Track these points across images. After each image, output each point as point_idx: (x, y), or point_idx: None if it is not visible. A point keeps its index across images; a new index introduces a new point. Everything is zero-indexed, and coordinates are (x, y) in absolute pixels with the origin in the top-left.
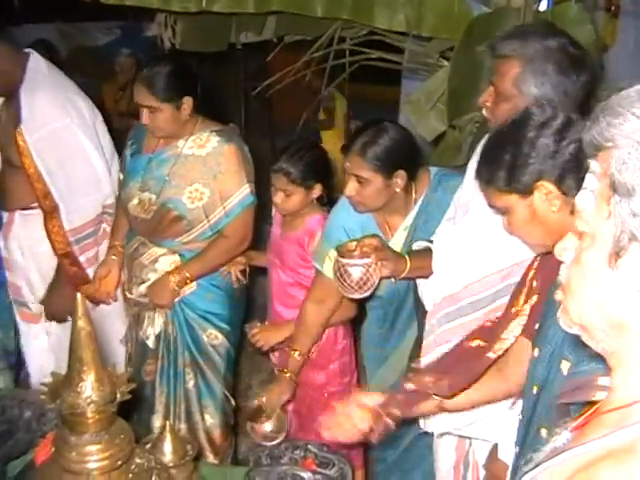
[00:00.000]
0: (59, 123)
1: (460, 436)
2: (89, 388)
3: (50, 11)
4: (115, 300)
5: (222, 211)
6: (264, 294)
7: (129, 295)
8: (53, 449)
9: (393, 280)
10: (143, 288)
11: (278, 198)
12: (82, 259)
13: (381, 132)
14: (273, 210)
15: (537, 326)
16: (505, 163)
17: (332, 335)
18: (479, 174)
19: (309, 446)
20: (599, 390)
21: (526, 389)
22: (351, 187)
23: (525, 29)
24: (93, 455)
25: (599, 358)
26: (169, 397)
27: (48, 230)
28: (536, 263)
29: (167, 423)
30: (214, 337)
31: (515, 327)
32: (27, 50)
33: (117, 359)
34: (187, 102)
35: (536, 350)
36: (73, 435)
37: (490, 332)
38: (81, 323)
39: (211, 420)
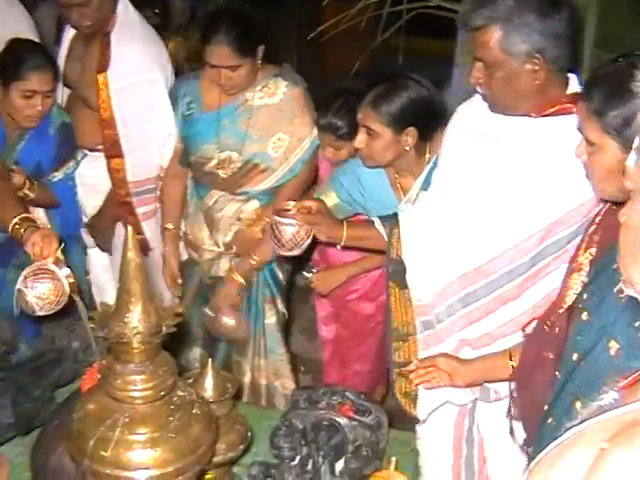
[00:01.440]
0: (146, 76)
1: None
2: (136, 319)
3: None
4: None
5: (300, 153)
6: None
7: (210, 248)
8: (99, 376)
9: (337, 246)
10: (229, 238)
11: (329, 153)
12: (139, 211)
13: (397, 87)
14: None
15: (587, 280)
16: (629, 106)
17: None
18: (590, 94)
19: (347, 393)
20: None
21: (566, 352)
22: (360, 138)
23: None
24: (137, 384)
25: None
26: (250, 333)
27: (111, 176)
28: (599, 218)
29: (209, 360)
30: (284, 272)
31: (575, 284)
32: None
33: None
34: (260, 51)
35: (585, 314)
36: (119, 364)
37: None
38: (131, 255)
39: (283, 351)
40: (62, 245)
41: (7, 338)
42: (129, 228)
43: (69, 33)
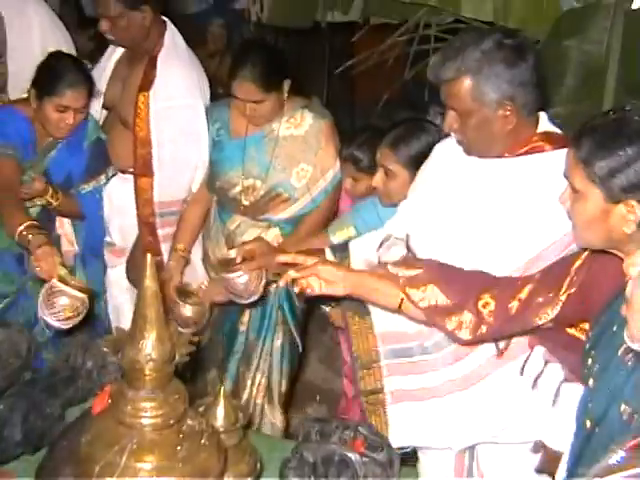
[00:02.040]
0: (187, 101)
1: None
2: (150, 346)
3: None
4: None
5: (323, 184)
6: None
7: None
8: (110, 400)
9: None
10: None
11: (347, 184)
12: (160, 232)
13: (417, 130)
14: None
15: (588, 346)
16: (616, 158)
17: None
18: (579, 143)
19: (360, 428)
20: None
21: (578, 419)
22: (377, 178)
23: (455, 46)
24: (147, 411)
25: None
26: (257, 350)
27: (137, 195)
28: (584, 254)
29: (222, 388)
30: (301, 301)
31: (549, 314)
32: (164, 18)
33: None
34: (286, 85)
35: (591, 380)
36: (130, 389)
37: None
38: (148, 282)
39: (284, 382)
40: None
41: (22, 352)
42: (148, 256)
43: (114, 55)
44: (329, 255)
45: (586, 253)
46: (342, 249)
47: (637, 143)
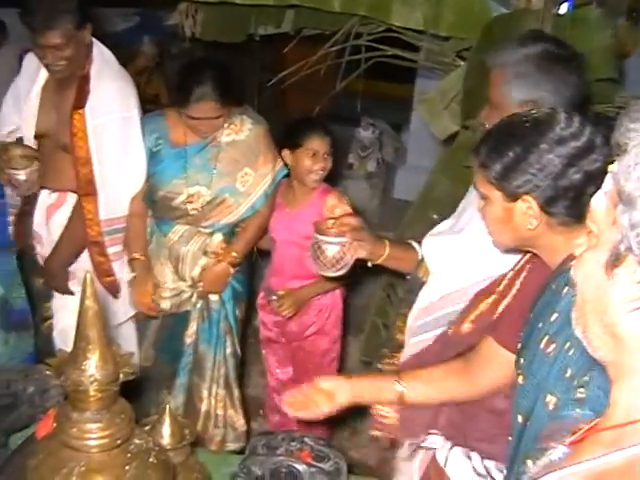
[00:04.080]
0: (122, 114)
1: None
2: (93, 367)
3: None
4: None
5: (261, 189)
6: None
7: (172, 286)
8: (55, 424)
9: (369, 264)
10: (197, 272)
11: (323, 163)
12: (110, 251)
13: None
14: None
15: (520, 346)
16: (506, 159)
17: (340, 300)
18: (478, 151)
19: (306, 439)
20: None
21: (513, 415)
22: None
23: (510, 41)
24: (93, 433)
25: (585, 403)
26: (209, 360)
27: (82, 215)
28: (519, 265)
29: (167, 406)
30: (241, 311)
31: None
32: None
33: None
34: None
35: (520, 377)
36: (75, 412)
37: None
38: (88, 302)
39: (238, 389)
40: None
41: None
42: (88, 275)
43: (37, 82)
44: (417, 247)
45: (520, 264)
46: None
47: (524, 141)
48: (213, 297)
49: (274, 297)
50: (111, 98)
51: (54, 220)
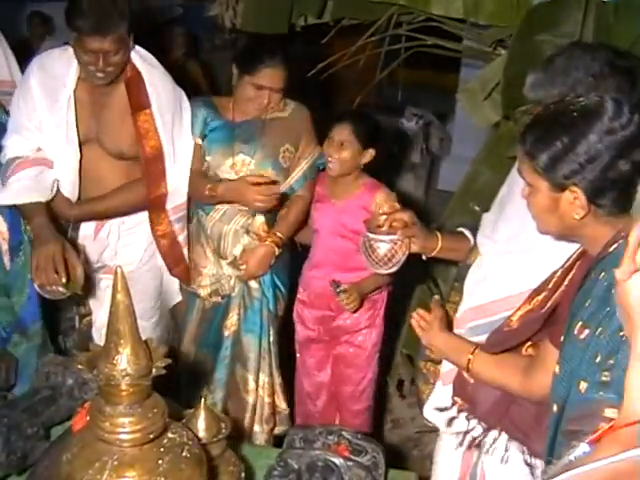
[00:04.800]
0: (176, 104)
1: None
2: (125, 361)
3: None
4: None
5: (300, 171)
6: None
7: (212, 272)
8: (89, 418)
9: (423, 257)
10: (238, 251)
11: (335, 150)
12: (180, 239)
13: None
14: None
15: (562, 338)
16: (553, 149)
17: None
18: (524, 139)
19: (343, 432)
20: (604, 422)
21: (550, 405)
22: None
23: (561, 67)
24: (125, 427)
25: (610, 386)
26: (254, 351)
27: (150, 211)
28: (569, 262)
29: (202, 400)
30: (280, 308)
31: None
32: None
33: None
34: None
35: (557, 367)
36: (108, 405)
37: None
38: (120, 297)
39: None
40: None
41: (1, 373)
42: (118, 269)
43: (66, 89)
44: (469, 235)
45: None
46: None
47: (572, 131)
48: (253, 284)
49: (340, 290)
50: (166, 90)
51: (104, 230)
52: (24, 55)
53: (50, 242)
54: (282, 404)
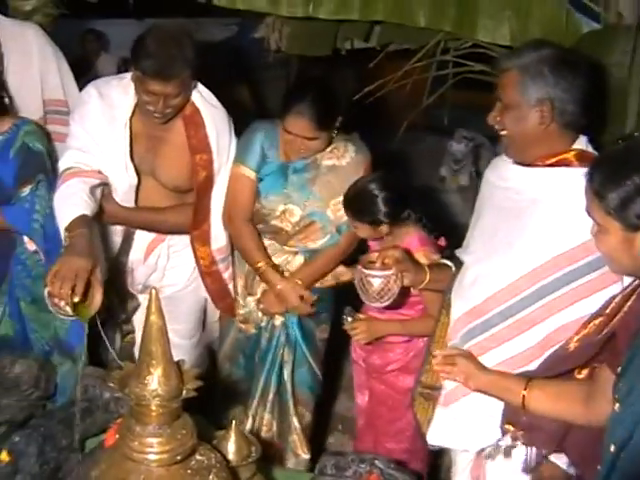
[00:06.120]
0: (231, 142)
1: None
2: (155, 382)
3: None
4: None
5: (345, 218)
6: None
7: (243, 302)
8: (118, 435)
9: (412, 289)
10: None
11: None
12: (225, 276)
13: None
14: None
15: (619, 370)
16: (626, 188)
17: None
18: (592, 176)
19: (376, 461)
20: None
21: (605, 442)
22: None
23: (522, 46)
24: (154, 447)
25: None
26: (261, 382)
27: (195, 248)
28: (629, 289)
29: (233, 422)
30: (324, 330)
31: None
32: None
33: None
34: (338, 122)
35: (617, 405)
36: (137, 425)
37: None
38: (153, 318)
39: (307, 412)
40: None
41: (41, 383)
42: (153, 291)
43: (124, 115)
44: (451, 265)
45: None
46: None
47: None
48: (278, 319)
49: (349, 318)
50: (227, 138)
51: (153, 255)
52: (82, 72)
53: (82, 256)
54: (302, 447)
